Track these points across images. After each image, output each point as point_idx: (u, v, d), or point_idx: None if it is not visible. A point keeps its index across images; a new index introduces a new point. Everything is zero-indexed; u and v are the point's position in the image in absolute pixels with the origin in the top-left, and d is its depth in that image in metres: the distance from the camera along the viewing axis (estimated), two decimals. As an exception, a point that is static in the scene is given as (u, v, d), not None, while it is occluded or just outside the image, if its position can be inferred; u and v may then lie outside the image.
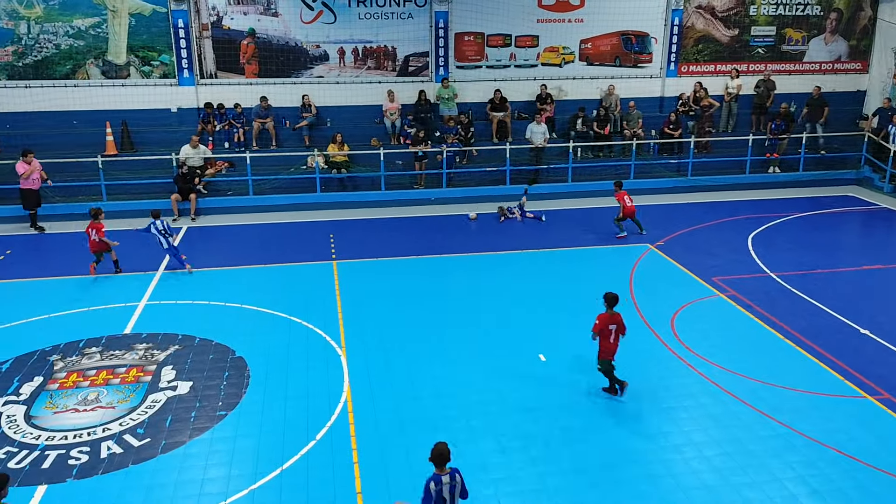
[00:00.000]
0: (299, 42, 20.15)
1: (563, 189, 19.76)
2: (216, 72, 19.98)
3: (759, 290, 13.17)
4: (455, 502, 6.51)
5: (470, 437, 8.68)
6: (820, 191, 20.29)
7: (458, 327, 11.62)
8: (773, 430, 8.86)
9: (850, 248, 15.95)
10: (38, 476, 8.03)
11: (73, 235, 16.42)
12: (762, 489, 7.81)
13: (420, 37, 20.62)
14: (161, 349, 10.90)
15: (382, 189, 19.16)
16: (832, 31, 22.75)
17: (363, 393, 9.66)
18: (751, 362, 10.49)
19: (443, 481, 6.41)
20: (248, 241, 16.17)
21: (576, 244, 15.77)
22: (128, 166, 18.45)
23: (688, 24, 21.85)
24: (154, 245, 15.62)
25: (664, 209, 18.61)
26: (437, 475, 6.43)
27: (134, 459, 8.31)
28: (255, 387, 9.83)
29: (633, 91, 21.70)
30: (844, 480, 7.95)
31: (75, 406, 9.40)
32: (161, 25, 19.37)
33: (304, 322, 11.77)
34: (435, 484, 6.39)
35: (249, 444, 8.59)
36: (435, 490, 6.39)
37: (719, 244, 15.68)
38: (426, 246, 15.69)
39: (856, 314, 12.09)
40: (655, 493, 7.75)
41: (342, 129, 19.64)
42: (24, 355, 10.71)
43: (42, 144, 18.55)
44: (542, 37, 21.22)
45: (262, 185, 18.70)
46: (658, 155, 21.00)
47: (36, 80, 19.12)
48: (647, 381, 10.01)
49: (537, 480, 7.94)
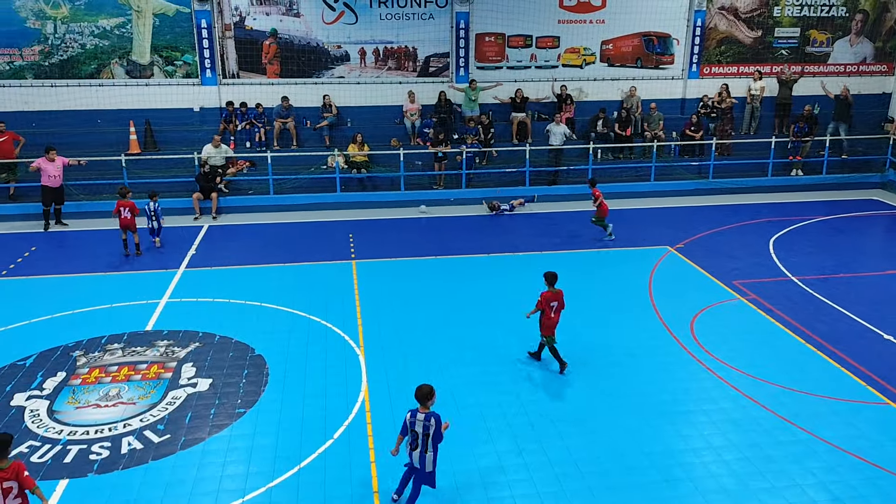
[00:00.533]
0: (321, 42, 20.26)
1: (584, 191, 19.63)
2: (238, 72, 20.15)
3: (781, 293, 13.02)
4: (427, 441, 7.16)
5: (487, 437, 8.68)
6: (843, 194, 20.02)
7: (476, 328, 11.62)
8: (793, 435, 8.77)
9: (874, 252, 15.72)
10: (60, 470, 8.14)
11: (97, 233, 16.65)
12: (782, 495, 7.73)
13: (441, 37, 20.65)
14: (182, 346, 11.01)
15: (402, 189, 19.20)
16: (857, 33, 22.44)
17: (381, 392, 9.69)
18: (771, 367, 10.38)
19: (418, 417, 7.18)
20: (269, 239, 16.28)
21: (595, 246, 15.70)
22: (150, 165, 18.66)
23: (710, 26, 21.66)
24: (175, 243, 15.82)
25: (685, 211, 18.47)
26: (416, 410, 7.22)
27: (154, 455, 8.40)
28: (273, 385, 9.90)
29: (655, 92, 21.56)
30: (866, 488, 7.84)
31: (97, 402, 9.53)
32: (184, 26, 19.57)
33: (323, 321, 11.84)
34: (411, 416, 7.22)
35: (268, 441, 8.65)
36: (409, 421, 7.21)
37: (740, 247, 15.54)
38: (445, 247, 15.71)
39: (879, 319, 11.92)
40: (674, 496, 7.70)
41: (362, 129, 19.72)
42: (48, 351, 10.87)
43: (67, 143, 18.79)
44: (563, 38, 21.16)
45: (282, 185, 18.82)
46: (679, 157, 20.85)
47: (61, 80, 19.41)
48: (667, 384, 9.95)
49: (554, 482, 7.91)
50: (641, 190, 19.84)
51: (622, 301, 12.69)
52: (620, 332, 11.45)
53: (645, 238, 16.24)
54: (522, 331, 11.49)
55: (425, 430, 7.15)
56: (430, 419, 7.16)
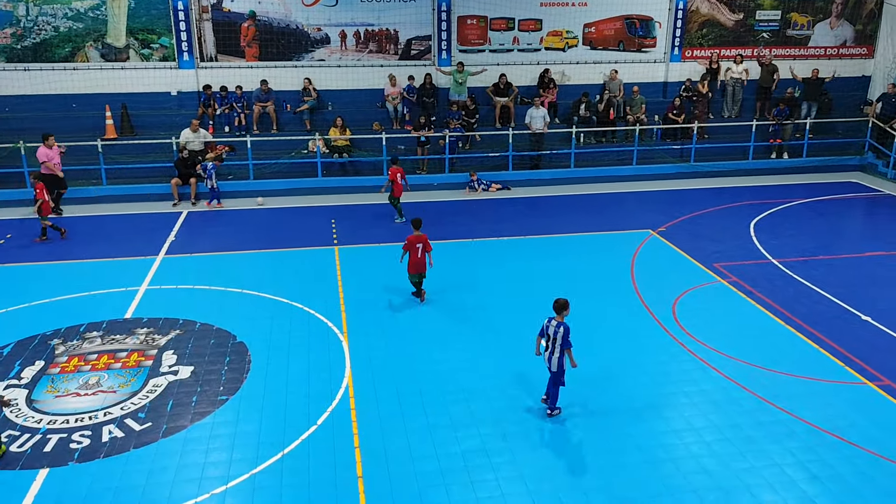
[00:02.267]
0: (300, 25, 20.01)
1: (566, 175, 19.69)
2: (216, 55, 19.85)
3: (761, 276, 13.14)
4: (555, 345, 8.54)
5: (471, 421, 8.69)
6: (823, 177, 20.21)
7: (459, 312, 11.62)
8: (773, 415, 8.87)
9: (853, 234, 15.89)
10: (39, 460, 8.05)
11: (73, 219, 16.41)
12: (761, 474, 7.83)
13: (422, 20, 20.47)
14: (162, 334, 10.91)
15: (384, 174, 19.08)
16: (838, 16, 22.54)
17: (364, 378, 9.67)
18: (752, 348, 10.49)
19: (551, 323, 8.61)
20: (249, 225, 16.14)
21: (578, 230, 15.74)
22: (128, 150, 18.39)
23: (692, 8, 21.66)
24: (154, 230, 15.67)
25: (667, 195, 18.55)
26: (552, 318, 8.65)
27: (135, 443, 8.33)
28: (256, 371, 9.84)
29: (637, 76, 21.56)
30: (844, 466, 7.96)
31: (77, 390, 9.42)
32: (161, 8, 19.22)
33: (306, 307, 11.77)
34: (547, 322, 8.68)
35: (251, 428, 8.60)
36: (545, 326, 8.68)
37: (721, 230, 15.64)
38: (428, 232, 15.58)
39: (857, 301, 12.07)
40: (656, 477, 7.77)
41: (343, 113, 19.56)
42: (26, 339, 10.72)
43: (41, 128, 18.40)
44: (545, 20, 21.05)
45: (262, 170, 18.65)
46: (661, 140, 20.90)
47: (35, 63, 19.01)
48: (648, 366, 10.03)
49: (538, 464, 7.96)
50: (624, 174, 19.89)
51: (605, 284, 12.74)
52: (603, 316, 11.50)
53: (627, 222, 16.29)
54: (506, 314, 11.52)
55: (555, 335, 8.51)
56: (560, 327, 8.49)
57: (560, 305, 8.52)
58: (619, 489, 7.59)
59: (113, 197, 17.57)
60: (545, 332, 8.62)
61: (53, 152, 16.41)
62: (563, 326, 8.49)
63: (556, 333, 8.50)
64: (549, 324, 8.59)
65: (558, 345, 8.49)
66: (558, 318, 8.56)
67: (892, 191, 19.00)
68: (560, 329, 8.48)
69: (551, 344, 8.55)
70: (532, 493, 7.53)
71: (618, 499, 7.45)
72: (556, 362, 8.57)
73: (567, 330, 8.48)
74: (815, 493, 7.55)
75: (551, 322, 8.58)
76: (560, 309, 8.53)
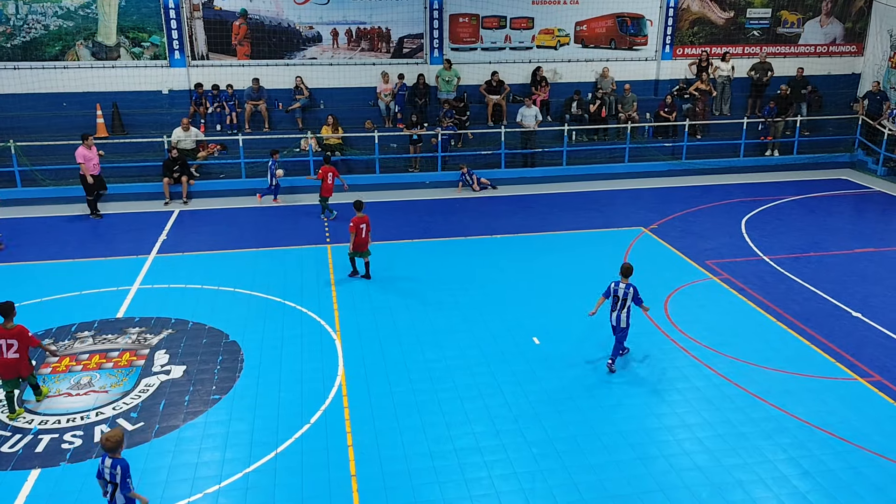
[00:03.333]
0: (292, 23, 19.94)
1: (558, 172, 19.72)
2: (207, 53, 19.77)
3: (753, 273, 13.20)
4: (625, 304, 9.50)
5: (464, 419, 8.70)
6: (814, 174, 20.31)
7: (452, 310, 11.62)
8: (765, 412, 8.92)
9: (843, 231, 15.98)
10: (31, 460, 8.01)
11: (63, 219, 16.33)
12: (754, 470, 7.87)
13: (414, 18, 20.44)
14: (154, 333, 10.87)
15: (377, 172, 19.08)
16: (827, 14, 22.64)
17: (357, 376, 9.66)
18: (743, 345, 10.54)
19: (619, 285, 9.53)
20: (241, 224, 16.09)
21: (570, 228, 15.77)
22: (119, 149, 18.30)
23: (683, 6, 21.71)
24: (146, 229, 15.63)
25: (658, 192, 18.61)
26: (618, 281, 9.57)
27: (128, 444, 8.26)
28: (249, 371, 9.81)
29: (628, 74, 21.60)
30: (835, 462, 8.01)
31: (68, 390, 9.37)
32: (151, 6, 19.12)
33: (299, 306, 11.75)
34: (615, 285, 9.56)
35: (243, 427, 8.58)
36: (613, 288, 9.57)
37: (713, 227, 15.70)
38: (420, 230, 15.65)
39: (848, 297, 12.14)
40: (648, 474, 7.80)
41: (336, 111, 19.52)
42: (16, 339, 10.65)
43: (31, 127, 18.39)
44: (537, 18, 21.06)
45: (254, 168, 18.58)
46: (653, 138, 20.95)
47: (24, 62, 18.88)
48: (641, 363, 10.05)
49: (531, 462, 7.97)
50: (616, 171, 19.93)
51: (597, 282, 12.68)
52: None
53: (619, 219, 16.35)
54: (499, 312, 11.53)
55: (623, 296, 9.50)
56: (630, 288, 9.50)
57: (627, 269, 9.60)
58: (612, 486, 7.61)
59: (104, 196, 17.47)
60: (612, 293, 9.57)
61: (92, 153, 16.33)
62: (632, 287, 9.54)
63: (626, 294, 9.51)
64: (618, 286, 9.54)
65: (628, 304, 9.53)
66: (624, 280, 9.54)
67: (882, 188, 19.11)
68: (630, 289, 9.52)
69: (619, 304, 9.54)
70: (526, 490, 7.54)
71: (611, 495, 7.48)
72: (625, 319, 9.61)
73: (636, 289, 9.54)
74: (807, 488, 7.60)
75: (619, 285, 9.55)
76: (627, 273, 9.58)
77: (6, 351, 8.52)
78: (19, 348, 8.55)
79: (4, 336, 8.51)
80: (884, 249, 14.51)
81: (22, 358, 8.61)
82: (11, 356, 8.54)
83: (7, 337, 8.51)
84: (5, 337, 8.51)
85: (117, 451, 6.45)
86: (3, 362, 8.54)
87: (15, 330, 8.56)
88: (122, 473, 6.41)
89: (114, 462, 6.41)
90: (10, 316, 8.57)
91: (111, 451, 6.41)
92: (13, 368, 8.59)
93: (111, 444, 6.39)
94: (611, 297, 9.66)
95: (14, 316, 8.62)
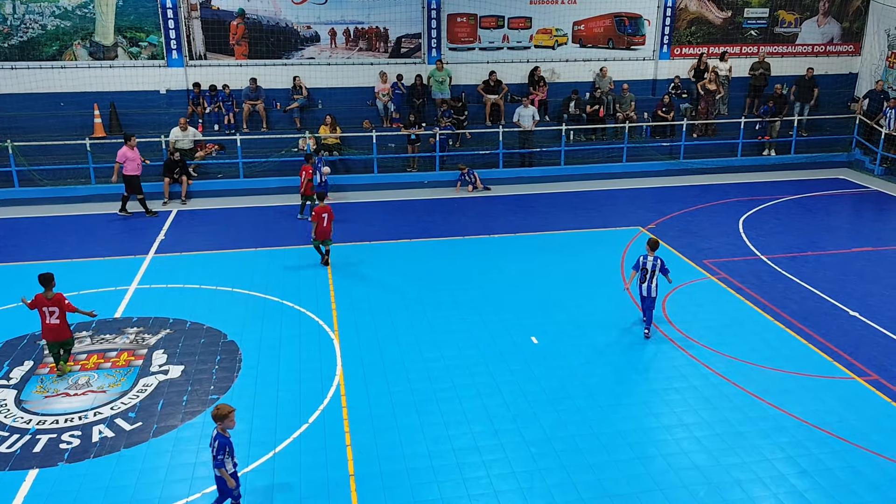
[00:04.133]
0: (290, 23, 19.93)
1: (556, 172, 19.73)
2: (205, 53, 19.75)
3: (750, 272, 13.22)
4: (655, 275, 10.42)
5: (462, 419, 8.71)
6: (811, 174, 20.34)
7: (451, 310, 11.63)
8: (762, 411, 8.93)
9: (841, 230, 16.01)
10: (29, 460, 8.00)
11: (61, 219, 16.31)
12: (752, 469, 7.88)
13: (412, 18, 20.44)
14: (152, 333, 10.86)
15: (375, 172, 19.07)
16: (825, 13, 22.68)
17: (356, 376, 9.66)
18: (741, 344, 10.55)
19: (648, 258, 10.44)
20: (239, 224, 16.08)
21: (568, 227, 15.77)
22: (116, 149, 18.20)
23: (681, 6, 21.73)
24: (144, 229, 15.62)
25: (656, 192, 18.63)
26: (646, 254, 10.48)
27: (126, 443, 8.29)
28: (247, 371, 9.81)
29: (626, 73, 21.62)
30: (833, 461, 8.03)
31: (66, 390, 9.37)
32: (149, 6, 19.10)
33: (297, 306, 11.75)
34: (643, 258, 10.49)
35: (242, 427, 8.55)
36: (641, 262, 10.50)
37: (710, 227, 15.72)
38: (419, 229, 15.65)
39: (845, 296, 12.16)
40: (647, 473, 7.81)
41: (334, 111, 19.52)
42: (14, 339, 10.66)
43: (28, 127, 18.38)
44: (535, 18, 21.07)
45: (252, 168, 18.57)
46: (651, 138, 20.97)
47: (22, 62, 18.85)
48: (639, 362, 10.07)
49: (530, 461, 7.98)
50: (613, 171, 19.95)
51: (594, 281, 12.78)
52: (593, 312, 11.54)
53: (617, 219, 16.36)
54: (497, 312, 11.53)
55: (652, 267, 10.46)
56: (658, 260, 10.47)
57: (654, 243, 10.55)
58: (610, 485, 7.62)
59: (102, 196, 17.46)
60: (641, 265, 10.50)
61: (134, 153, 16.32)
62: (659, 259, 10.49)
63: (654, 266, 10.43)
64: (646, 259, 10.47)
65: (657, 274, 10.43)
66: (651, 253, 10.45)
67: (880, 187, 19.15)
68: (657, 261, 10.46)
69: (648, 276, 10.42)
70: (524, 490, 7.55)
71: (609, 495, 7.48)
72: (654, 289, 10.49)
73: (663, 261, 10.53)
74: (805, 487, 7.61)
75: (647, 258, 10.47)
76: (654, 246, 10.50)
77: (49, 317, 9.53)
78: (59, 314, 9.55)
79: (46, 304, 9.51)
80: (881, 248, 14.54)
81: (62, 323, 9.61)
82: (53, 322, 9.54)
83: (48, 305, 9.51)
84: (47, 305, 9.51)
85: (222, 425, 6.78)
86: (47, 327, 9.57)
87: (55, 298, 9.55)
88: (217, 449, 6.75)
89: (215, 435, 6.78)
90: (51, 286, 9.59)
91: (217, 421, 6.78)
92: (56, 332, 9.60)
93: (215, 414, 6.77)
94: (640, 269, 10.50)
95: (54, 286, 9.63)
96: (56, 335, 9.63)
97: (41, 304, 9.54)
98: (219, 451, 6.74)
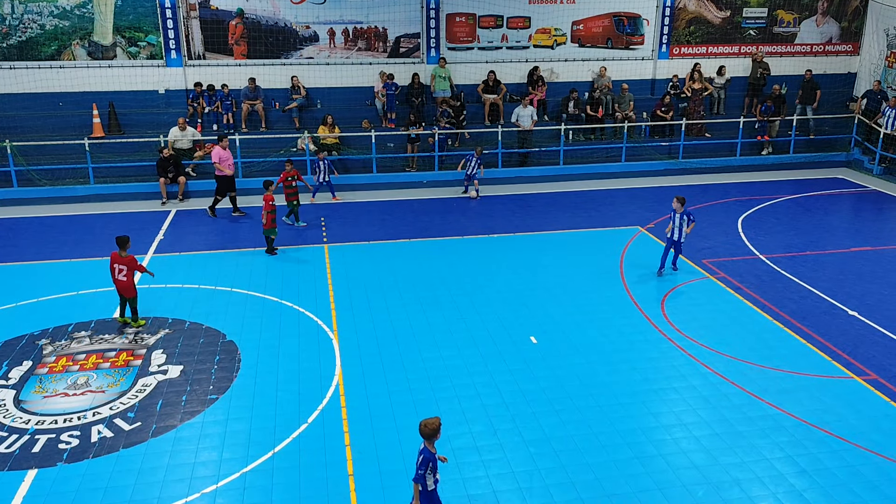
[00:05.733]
0: (288, 23, 19.93)
1: (555, 172, 19.74)
2: (204, 53, 19.75)
3: (749, 272, 13.23)
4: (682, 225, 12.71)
5: (462, 419, 8.71)
6: (810, 173, 20.35)
7: (450, 310, 11.62)
8: (761, 410, 8.94)
9: (840, 230, 16.02)
10: (28, 460, 8.00)
11: (60, 219, 16.29)
12: (751, 469, 7.89)
13: (411, 17, 20.44)
14: (151, 333, 10.85)
15: (374, 171, 19.07)
16: (823, 13, 22.69)
17: (355, 376, 9.66)
18: (740, 344, 10.56)
19: (676, 214, 12.68)
20: (238, 224, 16.07)
21: (567, 227, 15.78)
22: (115, 149, 18.27)
23: (680, 6, 21.73)
24: (143, 229, 15.61)
25: (655, 192, 18.63)
26: (674, 211, 12.73)
27: (125, 443, 8.29)
28: (246, 370, 9.81)
29: (625, 73, 21.62)
30: (832, 460, 8.03)
31: (65, 390, 9.36)
32: (148, 5, 19.09)
33: (296, 306, 11.74)
34: (672, 213, 12.82)
35: (241, 427, 8.58)
36: (672, 216, 12.79)
37: (709, 226, 15.72)
38: (419, 229, 15.65)
39: (844, 296, 12.17)
40: (646, 473, 7.81)
41: (332, 110, 19.51)
42: (13, 339, 10.64)
43: (27, 127, 18.37)
44: (533, 18, 21.07)
45: (251, 168, 18.56)
46: (649, 137, 20.98)
47: (20, 61, 18.84)
48: (638, 362, 10.07)
49: (529, 461, 7.98)
50: (612, 170, 19.96)
51: (594, 281, 12.79)
52: (592, 312, 11.54)
53: (616, 218, 16.37)
54: (496, 312, 11.54)
55: (680, 220, 12.56)
56: (685, 215, 12.55)
57: (682, 199, 12.66)
58: (610, 485, 7.63)
59: (100, 196, 17.46)
60: (672, 218, 12.68)
61: (227, 153, 16.34)
62: (686, 213, 12.58)
63: (682, 218, 12.58)
64: (675, 214, 12.60)
65: (685, 223, 12.62)
66: (680, 209, 12.53)
67: (878, 187, 19.16)
68: (685, 216, 12.58)
69: (678, 227, 12.62)
70: (523, 490, 7.55)
71: (608, 494, 7.49)
72: (683, 235, 12.72)
73: (689, 214, 12.61)
74: (804, 486, 7.62)
75: (675, 214, 12.60)
76: (682, 202, 12.62)
77: (117, 273, 10.74)
78: (127, 273, 10.74)
79: (119, 262, 10.73)
80: (880, 248, 14.55)
81: (129, 280, 10.79)
82: (121, 278, 10.76)
83: (121, 263, 10.73)
84: (119, 263, 10.73)
85: (428, 440, 6.46)
86: (116, 281, 10.83)
87: (127, 259, 10.75)
88: (419, 462, 6.42)
89: (421, 449, 6.47)
90: (126, 247, 10.76)
91: (426, 438, 6.47)
92: (122, 287, 10.83)
93: (425, 431, 6.45)
94: (672, 220, 12.57)
95: (129, 247, 10.81)
96: (122, 289, 10.86)
97: (114, 260, 10.73)
98: (422, 465, 6.39)
